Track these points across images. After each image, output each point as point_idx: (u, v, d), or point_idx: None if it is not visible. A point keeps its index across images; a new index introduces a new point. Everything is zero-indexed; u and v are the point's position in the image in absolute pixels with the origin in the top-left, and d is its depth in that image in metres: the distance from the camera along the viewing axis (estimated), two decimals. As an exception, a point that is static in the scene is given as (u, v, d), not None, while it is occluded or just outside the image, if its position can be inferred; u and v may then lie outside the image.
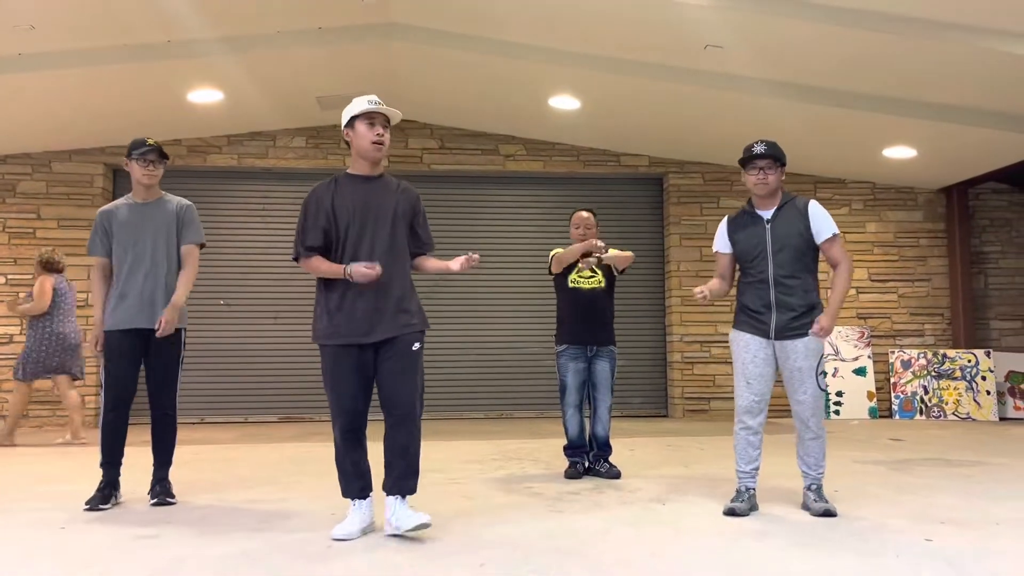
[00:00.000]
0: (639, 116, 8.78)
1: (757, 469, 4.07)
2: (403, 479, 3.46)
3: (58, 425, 8.90)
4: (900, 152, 9.01)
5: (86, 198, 9.25)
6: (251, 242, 9.71)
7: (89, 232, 9.04)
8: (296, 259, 3.62)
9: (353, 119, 3.58)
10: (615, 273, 5.36)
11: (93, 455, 6.36)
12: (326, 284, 3.56)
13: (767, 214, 4.10)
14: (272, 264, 9.67)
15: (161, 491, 4.28)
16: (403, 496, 3.46)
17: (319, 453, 6.42)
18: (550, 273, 5.40)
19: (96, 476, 4.35)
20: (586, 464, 5.24)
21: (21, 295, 8.45)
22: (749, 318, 4.06)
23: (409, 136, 9.79)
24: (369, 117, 3.55)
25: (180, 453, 6.19)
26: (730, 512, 3.94)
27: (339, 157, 9.73)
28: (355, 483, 3.56)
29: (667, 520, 3.85)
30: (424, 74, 8.42)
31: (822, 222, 4.03)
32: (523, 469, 5.57)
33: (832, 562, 3.06)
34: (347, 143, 3.64)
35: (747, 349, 4.04)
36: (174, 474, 4.72)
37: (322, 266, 3.52)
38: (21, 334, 8.99)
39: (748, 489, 4.05)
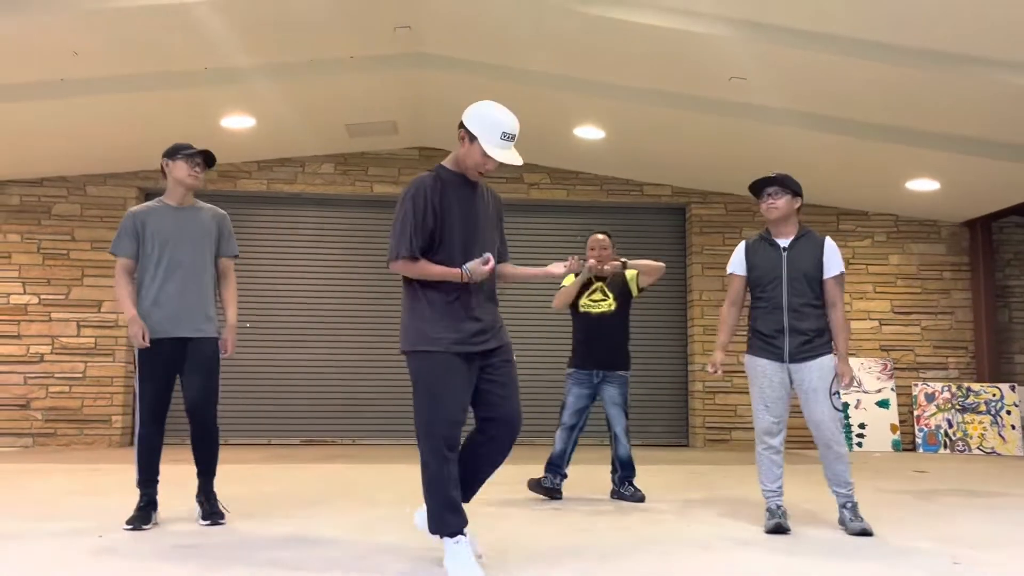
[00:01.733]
0: (663, 146, 8.89)
1: (781, 487, 4.18)
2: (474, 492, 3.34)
3: (85, 444, 9.02)
4: (923, 184, 9.04)
5: (119, 221, 9.42)
6: (278, 266, 9.85)
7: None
8: (392, 261, 3.24)
9: (478, 137, 3.28)
10: (633, 294, 5.37)
11: (120, 472, 6.46)
12: (431, 287, 3.24)
13: (784, 242, 4.26)
14: (298, 288, 9.80)
15: (211, 508, 4.19)
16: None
17: (343, 476, 6.47)
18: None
19: (127, 490, 4.36)
20: (556, 482, 5.22)
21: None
22: (763, 343, 4.19)
23: (435, 164, 9.94)
24: (494, 154, 3.25)
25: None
26: (777, 528, 4.04)
27: (366, 184, 9.89)
28: (459, 512, 3.13)
29: (693, 539, 3.88)
30: (451, 102, 8.57)
31: (834, 258, 4.22)
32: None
33: (860, 582, 3.08)
34: (459, 138, 3.37)
35: (763, 374, 4.17)
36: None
37: (432, 269, 3.20)
38: (53, 353, 9.16)
39: (779, 507, 4.14)
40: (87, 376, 9.16)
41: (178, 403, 4.13)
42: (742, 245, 4.40)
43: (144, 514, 4.06)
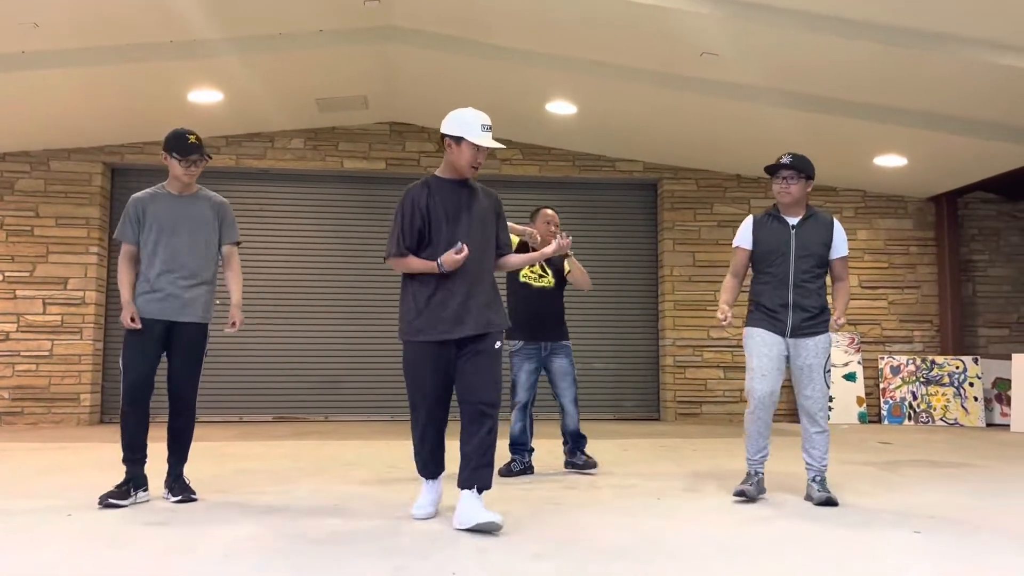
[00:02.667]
0: (634, 122, 8.90)
1: (765, 457, 4.34)
2: (477, 472, 3.52)
3: (52, 423, 8.93)
4: (891, 160, 9.15)
5: (84, 196, 9.30)
6: (248, 242, 9.75)
7: (86, 229, 9.16)
8: (386, 259, 3.75)
9: (460, 136, 3.62)
10: (566, 277, 5.41)
11: (89, 451, 6.42)
12: (417, 281, 3.67)
13: (793, 220, 4.34)
14: (268, 264, 9.72)
15: (181, 488, 4.18)
16: (478, 490, 3.52)
17: (317, 452, 6.48)
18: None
19: (96, 468, 4.37)
20: (526, 460, 5.24)
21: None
22: (766, 316, 4.28)
23: (406, 139, 9.88)
24: (478, 147, 3.63)
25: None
26: (740, 494, 4.21)
27: (337, 159, 9.80)
28: (430, 467, 3.77)
29: (663, 513, 3.94)
30: (422, 77, 8.52)
31: (842, 239, 4.37)
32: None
33: (826, 552, 3.15)
34: (440, 145, 3.74)
35: (764, 344, 4.25)
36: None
37: (415, 263, 3.65)
38: (18, 331, 9.03)
39: (757, 473, 4.31)
40: (54, 354, 9.04)
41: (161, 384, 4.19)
42: (749, 220, 4.47)
43: (122, 491, 4.04)
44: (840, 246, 4.34)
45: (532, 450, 5.31)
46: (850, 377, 9.91)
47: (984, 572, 2.84)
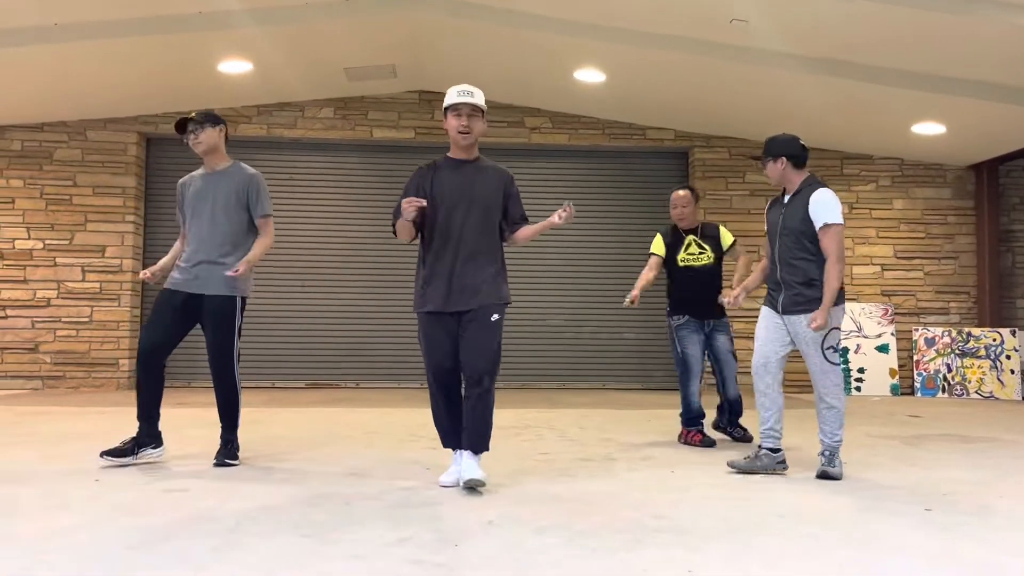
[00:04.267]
0: (665, 90, 8.78)
1: (771, 430, 4.29)
2: (474, 437, 3.78)
3: (93, 387, 9.20)
4: (929, 128, 8.93)
5: (120, 166, 9.47)
6: (279, 211, 9.87)
7: (122, 198, 9.34)
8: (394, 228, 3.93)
9: (445, 111, 3.87)
10: (724, 247, 5.57)
11: (127, 415, 6.61)
12: (422, 259, 3.92)
13: (787, 199, 4.39)
14: (299, 232, 9.84)
15: (224, 453, 4.35)
16: (474, 452, 3.79)
17: (344, 419, 6.60)
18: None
19: (130, 433, 4.52)
20: (715, 427, 5.55)
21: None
22: (768, 294, 4.47)
23: (435, 108, 9.87)
24: (455, 109, 3.83)
25: (210, 416, 6.41)
26: (730, 464, 4.34)
27: (366, 128, 9.84)
28: (450, 437, 3.94)
29: (676, 486, 3.96)
30: (450, 45, 8.48)
31: (816, 210, 4.20)
32: (539, 436, 5.70)
33: (829, 530, 3.15)
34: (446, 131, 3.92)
35: (764, 318, 4.42)
36: (205, 436, 4.91)
37: (399, 223, 3.84)
38: (59, 297, 9.28)
39: (761, 447, 4.33)
40: (93, 320, 9.29)
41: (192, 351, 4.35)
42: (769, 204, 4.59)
43: (124, 449, 4.27)
44: (816, 217, 4.17)
45: (724, 415, 5.63)
46: (883, 349, 9.78)
47: (988, 552, 2.83)
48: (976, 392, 9.57)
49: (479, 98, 3.86)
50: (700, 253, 5.49)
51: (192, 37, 7.56)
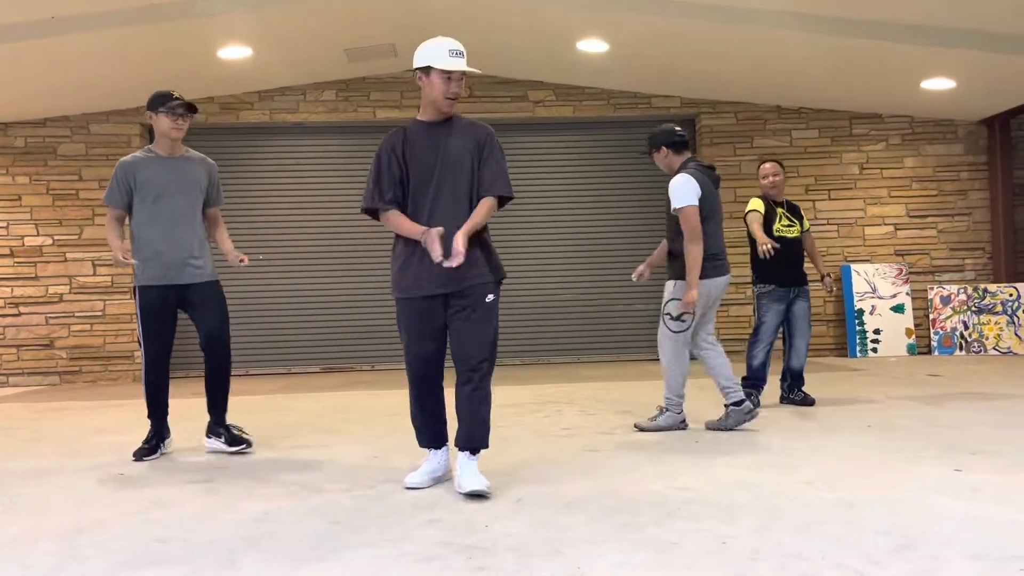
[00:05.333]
0: (669, 56, 8.67)
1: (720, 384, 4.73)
2: (472, 435, 3.36)
3: (110, 381, 9.23)
4: (939, 84, 8.79)
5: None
6: (285, 197, 9.84)
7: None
8: (366, 211, 3.47)
9: (430, 67, 3.36)
10: (803, 227, 5.83)
11: (144, 408, 6.62)
12: (399, 237, 3.44)
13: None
14: (307, 217, 9.80)
15: (234, 439, 4.38)
16: (472, 452, 3.37)
17: (361, 402, 6.60)
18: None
19: (146, 427, 4.53)
20: (756, 400, 5.45)
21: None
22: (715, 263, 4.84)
23: (438, 85, 9.77)
24: (447, 74, 3.37)
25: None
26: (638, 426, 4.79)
27: (369, 110, 9.77)
28: (424, 434, 3.52)
29: (698, 457, 3.94)
30: (450, 20, 8.37)
31: (670, 196, 4.79)
32: (558, 411, 5.69)
33: (859, 493, 3.13)
34: (419, 83, 3.43)
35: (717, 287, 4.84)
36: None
37: (403, 224, 3.36)
38: (71, 292, 9.29)
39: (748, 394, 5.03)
40: (107, 314, 9.30)
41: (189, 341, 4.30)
42: (692, 179, 4.83)
43: (150, 446, 4.33)
44: (672, 201, 4.74)
45: (784, 383, 5.74)
46: (898, 309, 9.71)
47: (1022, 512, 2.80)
48: (994, 348, 9.51)
49: (472, 71, 3.45)
50: (790, 226, 5.72)
51: (190, 24, 7.48)
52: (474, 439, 3.36)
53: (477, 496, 3.22)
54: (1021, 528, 2.59)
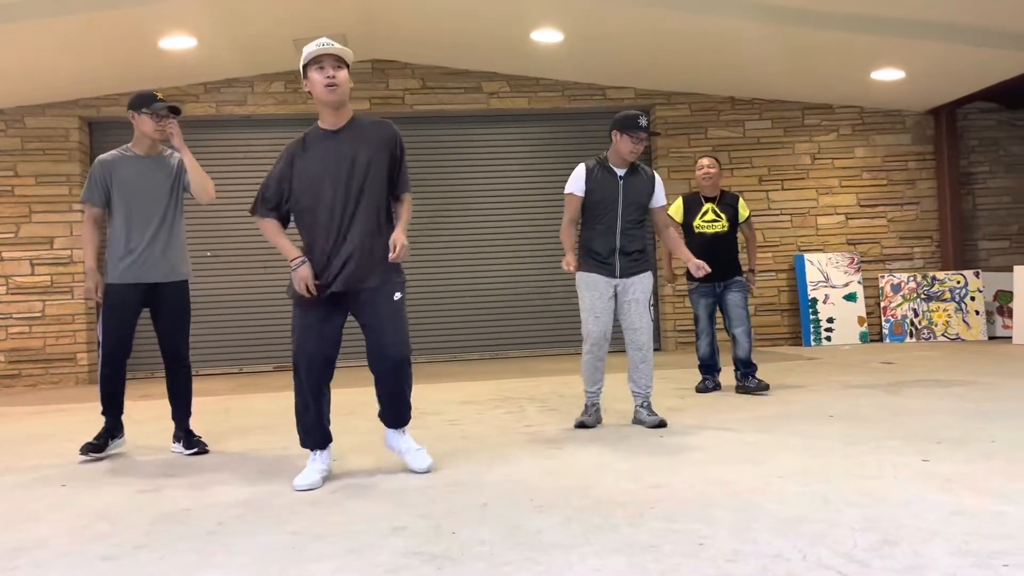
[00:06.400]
0: (624, 48, 8.61)
1: (601, 389, 4.72)
2: (400, 412, 3.68)
3: (51, 384, 8.88)
4: (888, 74, 8.90)
5: (63, 152, 9.06)
6: (234, 192, 9.56)
7: (67, 187, 8.95)
8: (253, 213, 3.60)
9: (306, 69, 3.41)
10: (742, 218, 5.94)
11: (88, 412, 6.37)
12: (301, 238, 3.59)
13: (621, 172, 4.66)
14: (257, 213, 9.54)
15: (193, 442, 4.37)
16: (401, 425, 3.69)
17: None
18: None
19: (93, 431, 4.39)
20: (715, 380, 5.98)
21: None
22: (597, 261, 4.61)
23: (390, 77, 9.59)
24: (317, 61, 3.39)
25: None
26: (581, 424, 4.63)
27: (319, 101, 9.53)
28: (315, 434, 3.59)
29: (666, 453, 3.88)
30: (401, 11, 8.21)
31: (662, 192, 4.77)
32: (520, 408, 5.59)
33: (833, 487, 3.09)
34: (307, 92, 3.50)
35: (596, 287, 4.61)
36: (166, 429, 4.71)
37: (278, 240, 3.55)
38: (8, 293, 8.90)
39: (595, 404, 4.71)
40: (46, 315, 8.95)
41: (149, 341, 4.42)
42: (582, 168, 4.70)
43: (101, 443, 4.28)
44: (661, 197, 4.74)
45: (720, 370, 6.02)
46: (850, 297, 9.83)
47: (1004, 501, 2.78)
48: (943, 335, 9.68)
49: (343, 51, 3.41)
50: (715, 221, 5.83)
51: (128, 13, 7.19)
52: (402, 415, 3.69)
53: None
54: (1001, 522, 2.57)
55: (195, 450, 4.35)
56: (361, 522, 2.89)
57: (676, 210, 5.93)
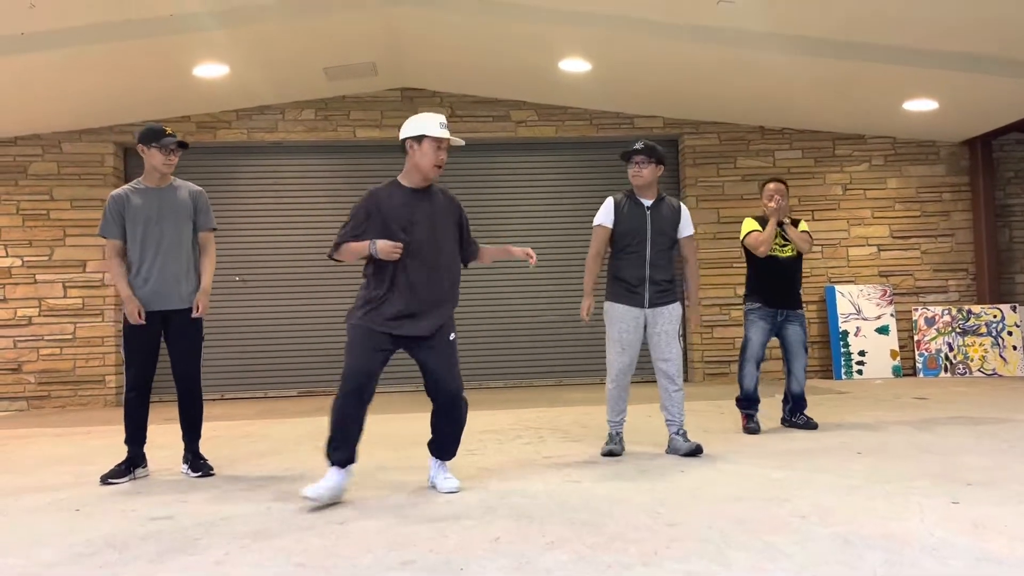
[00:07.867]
0: (652, 77, 8.60)
1: (624, 419, 4.79)
2: (452, 448, 3.96)
3: (80, 406, 8.97)
4: (921, 105, 8.77)
5: (97, 178, 9.22)
6: (264, 217, 9.66)
7: (102, 211, 9.07)
8: (331, 255, 3.89)
9: (422, 136, 3.74)
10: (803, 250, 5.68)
11: (113, 435, 6.40)
12: (374, 280, 3.81)
13: (647, 203, 4.74)
14: (286, 238, 9.62)
15: (200, 465, 4.48)
16: (447, 459, 3.97)
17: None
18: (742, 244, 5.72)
19: (116, 455, 4.43)
20: (757, 420, 5.51)
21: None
22: (626, 291, 4.67)
23: (418, 105, 9.65)
24: (439, 141, 3.74)
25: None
26: (609, 453, 4.65)
27: (349, 129, 9.62)
28: (338, 450, 3.69)
29: (685, 487, 3.79)
30: (430, 40, 8.27)
31: (689, 222, 4.83)
32: (540, 438, 5.52)
33: (855, 529, 2.98)
34: (403, 150, 3.81)
35: (623, 318, 4.67)
36: (175, 454, 4.71)
37: (352, 245, 3.78)
38: (40, 315, 9.04)
39: (619, 434, 4.75)
40: (77, 337, 9.05)
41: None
42: (610, 200, 4.82)
43: (121, 471, 4.36)
44: (688, 227, 4.79)
45: (785, 406, 5.73)
46: (883, 330, 9.64)
47: (1028, 549, 2.66)
48: (979, 370, 9.44)
49: (456, 143, 3.86)
50: (784, 246, 5.60)
51: (164, 41, 7.33)
52: (452, 451, 3.98)
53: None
54: (1028, 568, 2.45)
55: (200, 473, 4.43)
56: (369, 555, 2.84)
57: (750, 227, 5.61)
